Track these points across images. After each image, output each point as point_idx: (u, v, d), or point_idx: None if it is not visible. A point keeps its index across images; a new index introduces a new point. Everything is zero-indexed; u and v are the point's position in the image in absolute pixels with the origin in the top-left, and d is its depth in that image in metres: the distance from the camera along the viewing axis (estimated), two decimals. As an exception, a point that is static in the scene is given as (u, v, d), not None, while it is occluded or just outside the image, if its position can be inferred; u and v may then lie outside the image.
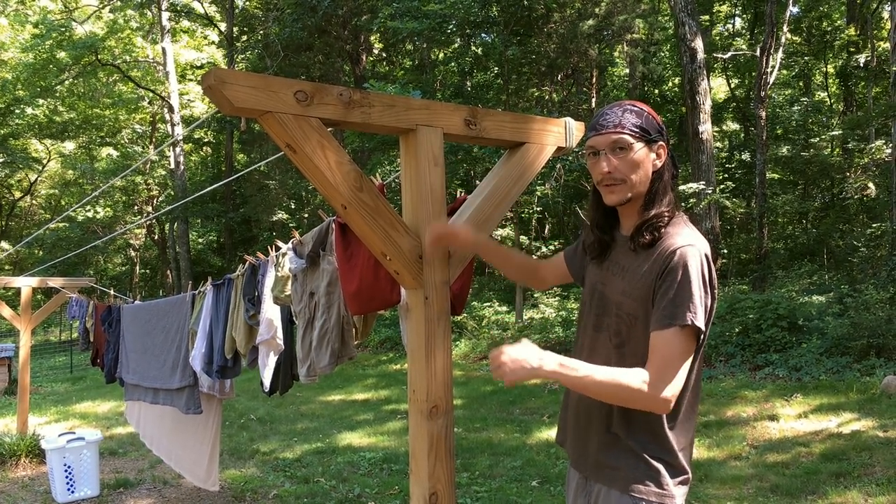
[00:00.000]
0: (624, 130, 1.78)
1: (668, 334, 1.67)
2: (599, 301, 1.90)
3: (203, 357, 4.36)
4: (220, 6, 26.26)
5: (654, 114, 1.85)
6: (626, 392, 1.67)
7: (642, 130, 1.79)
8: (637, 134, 1.78)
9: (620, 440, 1.81)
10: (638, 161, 1.79)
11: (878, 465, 5.39)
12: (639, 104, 1.85)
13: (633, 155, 1.78)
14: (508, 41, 14.81)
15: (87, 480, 5.83)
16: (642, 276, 1.77)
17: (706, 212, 13.67)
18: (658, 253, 1.76)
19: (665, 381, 1.66)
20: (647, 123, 1.80)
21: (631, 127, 1.78)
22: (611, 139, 1.79)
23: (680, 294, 1.68)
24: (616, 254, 1.90)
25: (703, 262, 1.71)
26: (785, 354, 9.40)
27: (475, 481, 5.81)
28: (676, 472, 1.79)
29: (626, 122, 1.79)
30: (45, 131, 24.87)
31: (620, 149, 1.78)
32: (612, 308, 1.84)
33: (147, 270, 31.54)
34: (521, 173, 2.23)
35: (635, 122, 1.79)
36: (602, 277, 1.91)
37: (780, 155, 18.51)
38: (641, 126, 1.79)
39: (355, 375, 12.59)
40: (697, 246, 1.72)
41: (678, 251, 1.71)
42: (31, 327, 7.90)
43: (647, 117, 1.81)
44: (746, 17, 23.00)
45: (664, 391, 1.65)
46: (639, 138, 1.79)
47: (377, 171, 14.10)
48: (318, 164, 1.73)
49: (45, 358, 20.50)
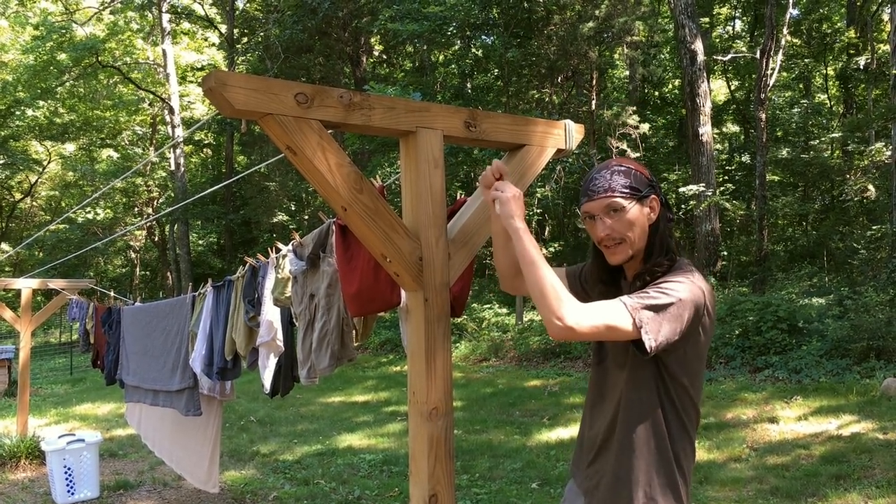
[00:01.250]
0: (615, 194, 1.85)
1: (616, 303, 1.73)
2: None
3: (203, 359, 4.36)
4: (220, 8, 26.28)
5: (642, 168, 1.91)
6: (550, 292, 1.70)
7: (632, 189, 1.85)
8: (627, 194, 1.85)
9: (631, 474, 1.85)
10: (632, 220, 1.85)
11: (878, 468, 5.39)
12: (626, 162, 1.91)
13: (627, 215, 1.85)
14: (508, 43, 14.83)
15: (87, 482, 5.83)
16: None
17: (706, 214, 13.68)
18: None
19: (579, 314, 1.68)
20: (636, 181, 1.86)
21: (621, 189, 1.85)
22: (603, 204, 1.86)
23: (654, 296, 1.73)
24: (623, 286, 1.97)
25: (693, 293, 1.76)
26: (785, 356, 9.41)
27: (475, 483, 5.81)
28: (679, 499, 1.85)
29: (616, 185, 1.85)
30: (45, 133, 24.88)
31: (614, 210, 1.85)
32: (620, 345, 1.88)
33: (147, 272, 31.54)
34: (520, 175, 2.23)
35: (624, 182, 1.85)
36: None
37: (780, 157, 18.52)
38: (630, 185, 1.85)
39: (355, 377, 12.59)
40: (695, 281, 1.79)
41: (674, 276, 1.81)
42: (31, 329, 7.90)
43: (635, 175, 1.87)
44: (746, 20, 23.02)
45: (570, 317, 1.68)
46: (630, 197, 1.85)
47: (377, 173, 14.10)
48: (319, 166, 1.73)
49: (46, 359, 20.49)
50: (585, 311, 1.69)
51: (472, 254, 2.13)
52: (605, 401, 1.94)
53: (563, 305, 1.68)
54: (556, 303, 1.68)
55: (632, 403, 1.84)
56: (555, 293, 1.69)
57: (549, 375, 11.00)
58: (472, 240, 2.11)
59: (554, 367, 11.77)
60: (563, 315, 1.67)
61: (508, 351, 13.26)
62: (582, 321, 1.67)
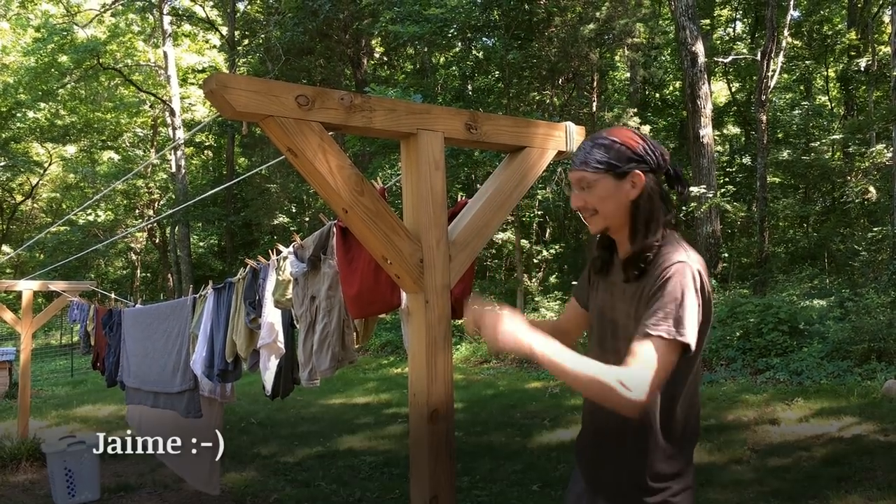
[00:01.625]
0: (587, 168, 1.84)
1: (651, 342, 1.67)
2: (608, 324, 1.93)
3: (204, 361, 4.36)
4: (221, 10, 26.30)
5: (633, 141, 1.85)
6: (599, 387, 1.65)
7: (608, 165, 1.82)
8: (601, 169, 1.82)
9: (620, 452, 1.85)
10: (604, 195, 1.84)
11: (879, 470, 5.39)
12: (616, 133, 1.87)
13: (597, 190, 1.84)
14: (509, 45, 14.82)
15: (88, 484, 5.83)
16: (638, 297, 1.81)
17: (707, 215, 13.68)
18: (653, 274, 1.79)
19: (639, 384, 1.63)
20: (616, 155, 1.82)
21: (595, 164, 1.83)
22: (576, 177, 1.87)
23: (668, 306, 1.69)
24: (617, 276, 1.93)
25: (693, 277, 1.73)
26: (786, 358, 9.40)
27: (476, 485, 5.80)
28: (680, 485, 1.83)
29: (591, 159, 1.84)
30: (46, 135, 24.91)
31: (586, 185, 1.85)
32: (619, 331, 1.87)
33: (148, 274, 31.55)
34: (521, 177, 2.23)
35: (601, 157, 1.83)
36: (608, 301, 1.95)
37: (780, 159, 18.51)
38: (608, 161, 1.82)
39: (356, 379, 12.59)
40: (689, 262, 1.74)
41: (670, 268, 1.74)
42: (31, 331, 7.90)
43: (618, 149, 1.83)
44: (747, 22, 23.03)
45: (636, 394, 1.63)
46: (604, 172, 1.82)
47: (378, 175, 14.07)
48: (319, 168, 1.73)
49: (46, 361, 20.49)
50: (640, 377, 1.63)
51: (473, 256, 2.12)
52: None
53: (620, 391, 1.62)
54: (614, 395, 1.63)
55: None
56: (604, 386, 1.64)
57: (550, 377, 10.99)
58: (473, 242, 2.11)
59: (555, 368, 11.75)
60: (628, 400, 1.63)
61: (509, 353, 13.24)
62: (645, 388, 1.63)
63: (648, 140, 1.88)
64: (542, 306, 15.52)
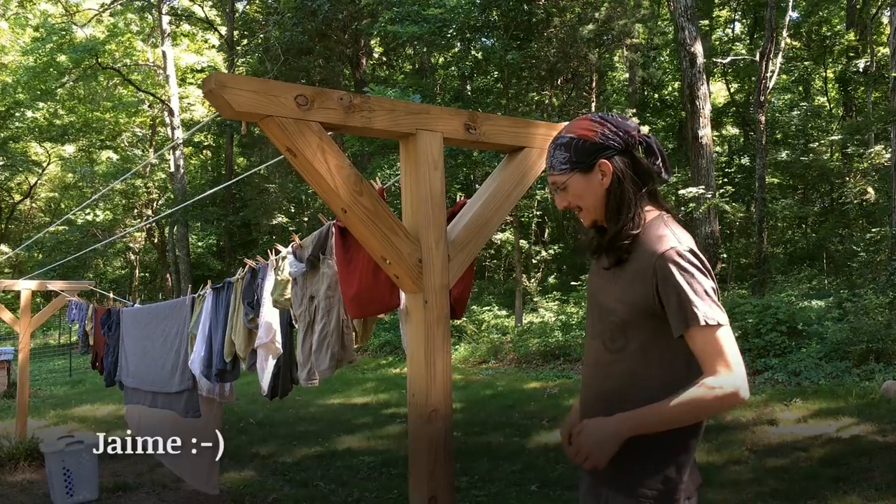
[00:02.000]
0: (554, 171, 1.86)
1: (700, 335, 1.69)
2: (599, 309, 1.92)
3: (202, 360, 4.36)
4: (220, 10, 26.31)
5: (590, 131, 1.83)
6: (704, 407, 1.69)
7: (572, 163, 1.82)
8: (567, 169, 1.83)
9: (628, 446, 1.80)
10: (579, 192, 1.85)
11: (877, 470, 5.39)
12: (573, 129, 1.86)
13: (572, 189, 1.85)
14: (508, 45, 14.83)
15: (86, 484, 5.82)
16: (630, 281, 1.79)
17: (706, 216, 13.68)
18: (643, 259, 1.76)
19: (727, 375, 1.67)
20: (578, 152, 1.82)
21: (560, 166, 1.85)
22: (551, 180, 1.89)
23: (688, 298, 1.69)
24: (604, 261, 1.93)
25: (690, 257, 1.73)
26: (784, 359, 9.40)
27: (474, 485, 5.80)
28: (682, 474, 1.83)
29: (555, 162, 1.86)
30: (45, 134, 24.89)
31: (561, 186, 1.86)
32: (606, 315, 1.86)
33: (147, 274, 31.53)
34: (520, 177, 2.23)
35: (563, 157, 1.84)
36: (598, 285, 1.94)
37: (779, 159, 18.54)
38: (570, 159, 1.82)
39: (355, 379, 12.58)
40: (679, 245, 1.73)
41: (662, 257, 1.72)
42: (30, 330, 7.90)
43: (577, 144, 1.82)
44: (746, 22, 23.05)
45: (731, 384, 1.67)
46: (570, 171, 1.83)
47: (377, 175, 14.10)
48: (318, 168, 1.73)
49: (45, 361, 20.47)
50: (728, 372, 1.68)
51: (471, 256, 2.13)
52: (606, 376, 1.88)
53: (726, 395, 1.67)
54: (715, 402, 1.68)
55: (639, 377, 1.80)
56: (705, 403, 1.68)
57: (549, 377, 11.00)
58: (471, 242, 2.11)
59: (553, 369, 11.76)
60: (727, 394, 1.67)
61: (508, 353, 13.26)
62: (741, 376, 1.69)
63: (609, 122, 1.83)
64: (541, 306, 15.53)
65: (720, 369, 1.68)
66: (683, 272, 1.70)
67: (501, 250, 20.41)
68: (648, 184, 1.86)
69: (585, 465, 1.69)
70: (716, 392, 1.66)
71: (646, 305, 1.76)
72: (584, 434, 1.71)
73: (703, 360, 1.70)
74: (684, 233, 1.80)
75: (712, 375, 1.68)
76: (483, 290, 18.91)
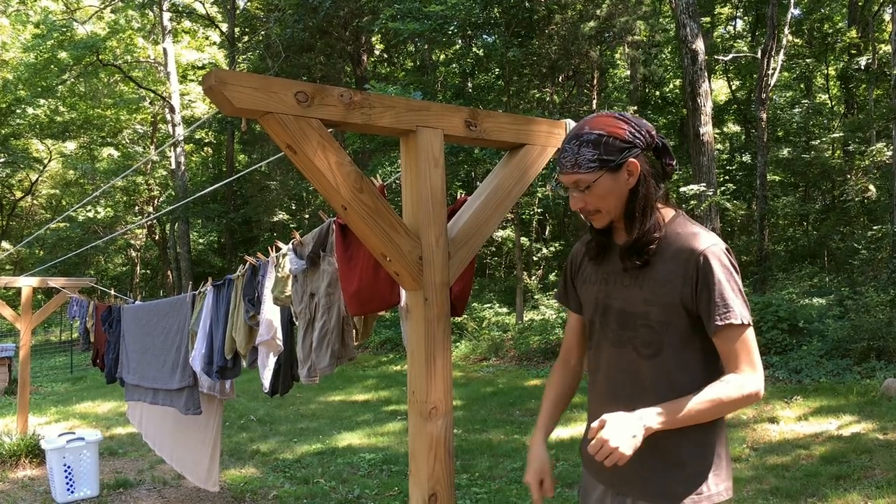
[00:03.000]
0: (580, 169, 1.75)
1: (733, 333, 1.71)
2: (617, 316, 1.85)
3: (203, 357, 4.36)
4: (221, 7, 26.27)
5: (618, 128, 1.76)
6: (728, 403, 1.70)
7: (601, 161, 1.73)
8: (595, 167, 1.74)
9: (658, 450, 1.77)
10: (604, 192, 1.77)
11: (878, 468, 5.39)
12: (599, 125, 1.77)
13: (597, 189, 1.77)
14: (509, 42, 14.81)
15: (87, 481, 5.83)
16: (664, 282, 1.76)
17: (707, 214, 13.66)
18: (679, 258, 1.75)
19: (753, 374, 1.71)
20: (607, 149, 1.73)
21: (587, 164, 1.74)
22: (571, 180, 1.78)
23: (727, 294, 1.71)
24: (615, 265, 1.87)
25: (728, 256, 1.75)
26: (785, 357, 9.40)
27: (475, 483, 5.80)
28: (721, 477, 1.80)
29: (582, 160, 1.75)
30: (46, 131, 24.89)
31: (584, 186, 1.77)
32: (635, 320, 1.81)
33: (147, 271, 31.55)
34: (521, 175, 2.23)
35: (591, 155, 1.74)
36: (609, 291, 1.88)
37: (780, 157, 18.51)
38: (599, 157, 1.73)
39: (355, 376, 12.59)
40: (718, 244, 1.75)
41: (705, 254, 1.72)
42: (31, 327, 7.90)
43: (607, 141, 1.73)
44: (748, 20, 23.00)
45: (755, 384, 1.71)
46: (598, 169, 1.74)
47: (378, 173, 14.10)
48: (319, 165, 1.73)
49: (46, 358, 20.51)
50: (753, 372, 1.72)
51: (472, 253, 2.12)
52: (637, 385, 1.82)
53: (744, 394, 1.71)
54: (739, 400, 1.71)
55: (676, 381, 1.76)
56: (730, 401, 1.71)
57: (549, 375, 10.99)
58: (472, 239, 2.11)
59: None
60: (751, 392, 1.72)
61: (508, 350, 13.26)
62: (762, 377, 1.73)
63: (632, 120, 1.78)
64: (542, 304, 15.52)
65: (746, 368, 1.71)
66: (725, 269, 1.72)
67: (502, 248, 20.40)
68: (661, 184, 1.85)
69: (608, 461, 1.59)
70: (742, 390, 1.69)
71: (682, 304, 1.74)
72: (608, 428, 1.60)
73: (731, 358, 1.72)
74: (710, 231, 1.81)
75: (737, 373, 1.71)
76: (484, 288, 18.90)
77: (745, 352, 1.71)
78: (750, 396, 1.70)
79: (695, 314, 1.74)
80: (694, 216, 13.69)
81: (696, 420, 1.70)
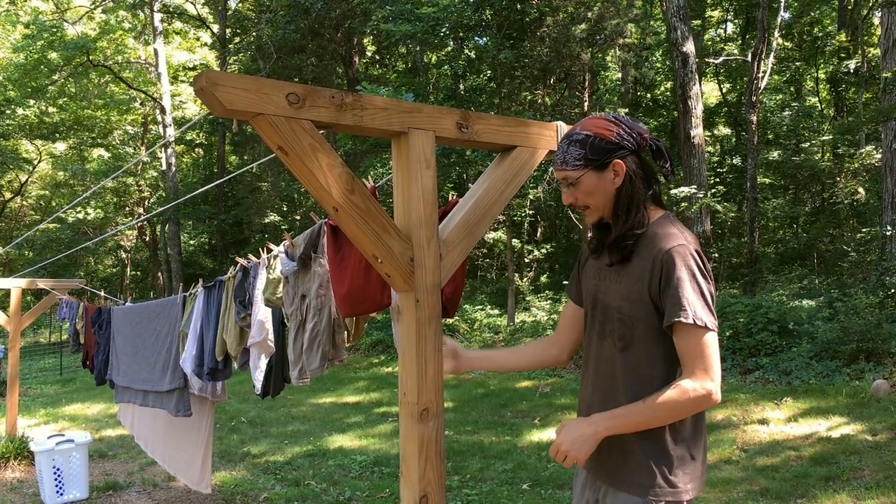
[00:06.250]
0: (567, 167, 1.89)
1: (686, 332, 1.73)
2: (602, 309, 1.94)
3: (193, 359, 4.34)
4: (212, 8, 26.19)
5: (606, 130, 1.86)
6: (678, 407, 1.74)
7: (586, 160, 1.85)
8: (581, 165, 1.85)
9: (628, 443, 1.84)
10: (589, 190, 1.87)
11: (867, 469, 5.42)
12: (588, 126, 1.88)
13: (583, 186, 1.88)
14: (501, 45, 14.83)
15: (77, 483, 5.81)
16: (637, 278, 1.82)
17: (697, 216, 13.71)
18: (650, 255, 1.80)
19: (704, 378, 1.73)
20: (594, 149, 1.84)
21: (574, 162, 1.86)
22: (560, 176, 1.91)
23: (685, 293, 1.73)
24: (607, 261, 1.94)
25: (696, 258, 1.77)
26: (775, 358, 9.44)
27: (466, 484, 5.81)
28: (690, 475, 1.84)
29: (569, 158, 1.87)
30: (35, 132, 24.72)
31: (570, 184, 1.89)
32: (612, 313, 1.89)
33: (138, 272, 31.41)
34: (512, 176, 2.23)
35: (578, 153, 1.85)
36: (599, 285, 1.97)
37: (771, 159, 18.60)
38: (585, 156, 1.85)
39: (346, 378, 12.57)
40: (687, 245, 1.77)
41: (670, 252, 1.76)
42: (20, 329, 7.86)
43: (593, 142, 1.84)
44: (738, 23, 23.12)
45: (705, 387, 1.73)
46: (583, 168, 1.85)
47: (369, 174, 14.07)
48: (310, 167, 1.73)
49: (35, 360, 20.38)
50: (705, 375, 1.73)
51: (463, 255, 2.12)
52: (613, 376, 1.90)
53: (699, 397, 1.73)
54: (689, 403, 1.74)
55: (642, 376, 1.83)
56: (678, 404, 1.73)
57: (541, 377, 11.01)
58: (463, 241, 2.11)
59: (545, 368, 11.78)
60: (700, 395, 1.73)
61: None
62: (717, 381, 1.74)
63: (624, 123, 1.87)
64: (534, 305, 15.54)
65: (698, 372, 1.73)
66: (688, 269, 1.74)
67: (494, 249, 20.41)
68: (654, 186, 1.91)
69: (565, 463, 1.77)
70: (689, 394, 1.72)
71: (651, 300, 1.79)
72: (563, 433, 1.78)
73: (685, 358, 1.75)
74: (691, 234, 1.84)
75: (689, 377, 1.73)
76: (475, 289, 18.92)
77: (699, 354, 1.73)
78: (698, 400, 1.73)
79: (661, 310, 1.79)
80: (684, 218, 13.74)
81: (650, 424, 1.77)
